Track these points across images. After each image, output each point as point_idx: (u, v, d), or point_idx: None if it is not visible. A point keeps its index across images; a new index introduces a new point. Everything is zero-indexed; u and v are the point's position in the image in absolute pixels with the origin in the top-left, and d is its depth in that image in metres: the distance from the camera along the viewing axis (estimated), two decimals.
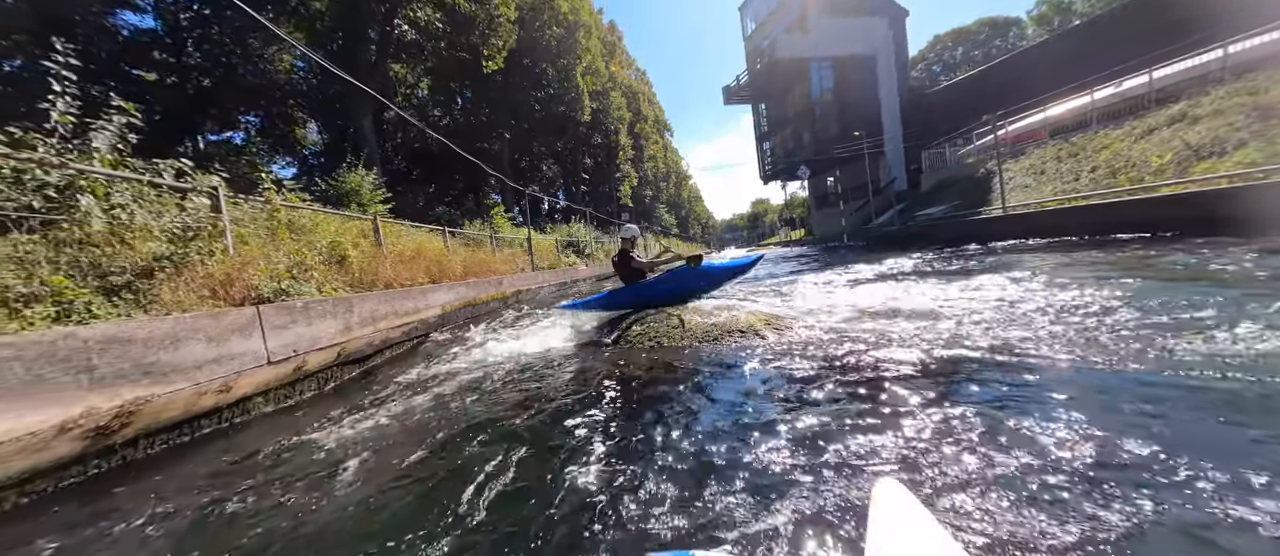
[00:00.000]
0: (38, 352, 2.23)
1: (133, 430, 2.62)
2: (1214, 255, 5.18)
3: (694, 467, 1.79)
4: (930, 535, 0.80)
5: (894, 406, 2.12)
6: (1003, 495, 1.38)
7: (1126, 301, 3.48)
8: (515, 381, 3.69)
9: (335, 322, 4.61)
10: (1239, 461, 1.41)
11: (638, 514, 1.51)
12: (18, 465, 2.12)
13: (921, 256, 9.90)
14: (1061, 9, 50.23)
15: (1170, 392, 1.94)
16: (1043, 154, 14.17)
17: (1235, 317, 2.76)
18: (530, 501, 1.70)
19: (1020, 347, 2.77)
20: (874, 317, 4.26)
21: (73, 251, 3.50)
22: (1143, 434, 1.62)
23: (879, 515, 0.88)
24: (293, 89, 22.14)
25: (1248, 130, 8.49)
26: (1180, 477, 1.37)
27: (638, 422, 2.39)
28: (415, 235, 10.59)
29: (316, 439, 2.73)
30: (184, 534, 1.80)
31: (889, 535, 0.83)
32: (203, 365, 3.08)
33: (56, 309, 3.13)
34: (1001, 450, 1.63)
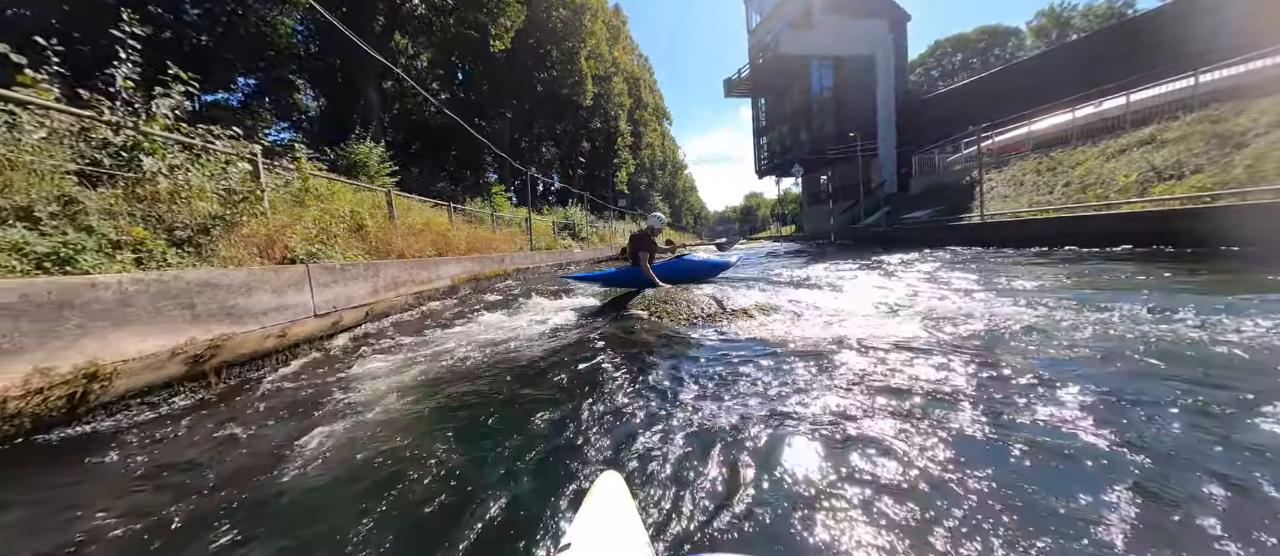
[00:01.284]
0: (158, 290, 2.69)
1: (217, 361, 3.10)
2: (1153, 266, 5.85)
3: (680, 419, 2.34)
4: (629, 530, 0.89)
5: (846, 377, 2.68)
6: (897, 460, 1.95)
7: (1050, 300, 4.10)
8: (525, 341, 4.21)
9: (366, 285, 5.07)
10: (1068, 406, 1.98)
11: (627, 440, 2.05)
12: (144, 379, 2.59)
13: (902, 256, 10.54)
14: (1060, 22, 51.06)
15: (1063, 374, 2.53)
16: (1024, 166, 14.89)
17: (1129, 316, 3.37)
18: (529, 429, 2.23)
19: (950, 336, 3.35)
20: (848, 305, 4.85)
21: (144, 207, 3.93)
22: (1027, 410, 2.19)
23: (592, 503, 0.95)
24: (291, 53, 22.04)
25: (1205, 156, 9.21)
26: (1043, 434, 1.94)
27: (636, 380, 2.93)
28: (423, 209, 10.97)
29: (357, 376, 3.23)
30: (272, 439, 2.29)
31: (594, 520, 0.91)
32: (268, 312, 3.55)
33: (135, 255, 3.58)
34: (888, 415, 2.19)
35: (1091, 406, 1.96)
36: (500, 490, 1.56)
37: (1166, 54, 14.44)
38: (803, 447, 1.75)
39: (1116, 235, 8.63)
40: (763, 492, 1.47)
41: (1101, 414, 1.89)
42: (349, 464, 1.84)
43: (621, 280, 6.12)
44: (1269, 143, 8.30)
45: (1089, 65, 18.70)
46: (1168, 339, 2.82)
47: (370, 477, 1.72)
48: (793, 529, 1.28)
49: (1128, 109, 12.92)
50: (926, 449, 1.69)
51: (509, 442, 1.95)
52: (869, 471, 1.57)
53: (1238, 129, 9.31)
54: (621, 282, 6.15)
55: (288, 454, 1.94)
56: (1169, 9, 17.70)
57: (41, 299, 2.14)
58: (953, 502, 1.37)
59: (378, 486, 1.66)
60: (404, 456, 1.88)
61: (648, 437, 1.92)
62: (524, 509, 1.46)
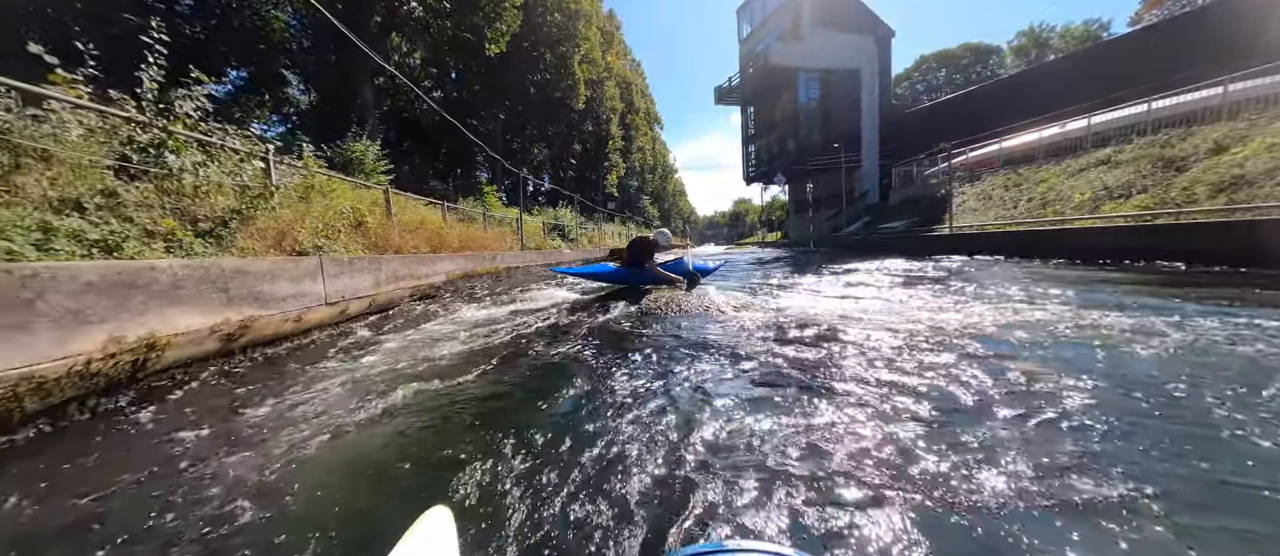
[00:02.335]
0: (201, 275, 3.08)
1: (245, 340, 3.49)
2: (1087, 271, 6.47)
3: (658, 398, 2.80)
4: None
5: (805, 367, 3.17)
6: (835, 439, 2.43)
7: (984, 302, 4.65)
8: (520, 329, 4.64)
9: (370, 278, 5.46)
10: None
11: (615, 419, 2.50)
12: (188, 352, 2.98)
13: (877, 263, 11.15)
14: (1038, 42, 52.85)
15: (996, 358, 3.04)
16: (994, 181, 15.69)
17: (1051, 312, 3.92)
18: (522, 402, 2.67)
19: (899, 329, 3.87)
20: (814, 304, 5.36)
21: (171, 200, 4.29)
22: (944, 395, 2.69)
23: (414, 535, 0.95)
24: (283, 48, 22.14)
25: (1151, 178, 9.97)
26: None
27: (626, 363, 3.38)
28: (417, 207, 11.31)
29: (363, 359, 3.63)
30: (294, 406, 2.70)
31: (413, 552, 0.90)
32: (287, 298, 3.94)
33: (166, 244, 3.95)
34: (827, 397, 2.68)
35: (998, 373, 2.47)
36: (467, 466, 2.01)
37: (1125, 81, 15.37)
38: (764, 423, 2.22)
39: (1069, 249, 9.32)
40: (713, 477, 1.94)
41: (1014, 381, 2.40)
42: (357, 434, 2.27)
43: (612, 277, 6.59)
44: (1204, 168, 9.06)
45: (1059, 87, 19.67)
46: (1035, 321, 3.36)
47: (369, 450, 2.16)
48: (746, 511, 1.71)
49: (1089, 131, 13.75)
50: (863, 429, 2.17)
51: (483, 425, 2.40)
52: (839, 448, 2.05)
53: (1181, 154, 10.10)
54: (608, 279, 6.62)
55: (300, 423, 2.36)
56: (1131, 38, 18.76)
57: (114, 279, 2.52)
58: (869, 480, 1.85)
59: (368, 461, 2.09)
60: (396, 440, 2.31)
61: (624, 424, 2.37)
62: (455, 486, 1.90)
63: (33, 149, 3.45)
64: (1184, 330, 3.16)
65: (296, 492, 1.63)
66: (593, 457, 1.76)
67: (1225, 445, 1.69)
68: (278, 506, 1.55)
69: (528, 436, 1.96)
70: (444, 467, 1.73)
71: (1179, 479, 1.50)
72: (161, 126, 4.49)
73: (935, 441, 1.78)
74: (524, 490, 1.56)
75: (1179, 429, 1.82)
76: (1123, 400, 2.10)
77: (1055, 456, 1.65)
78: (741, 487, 1.52)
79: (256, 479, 1.72)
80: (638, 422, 2.07)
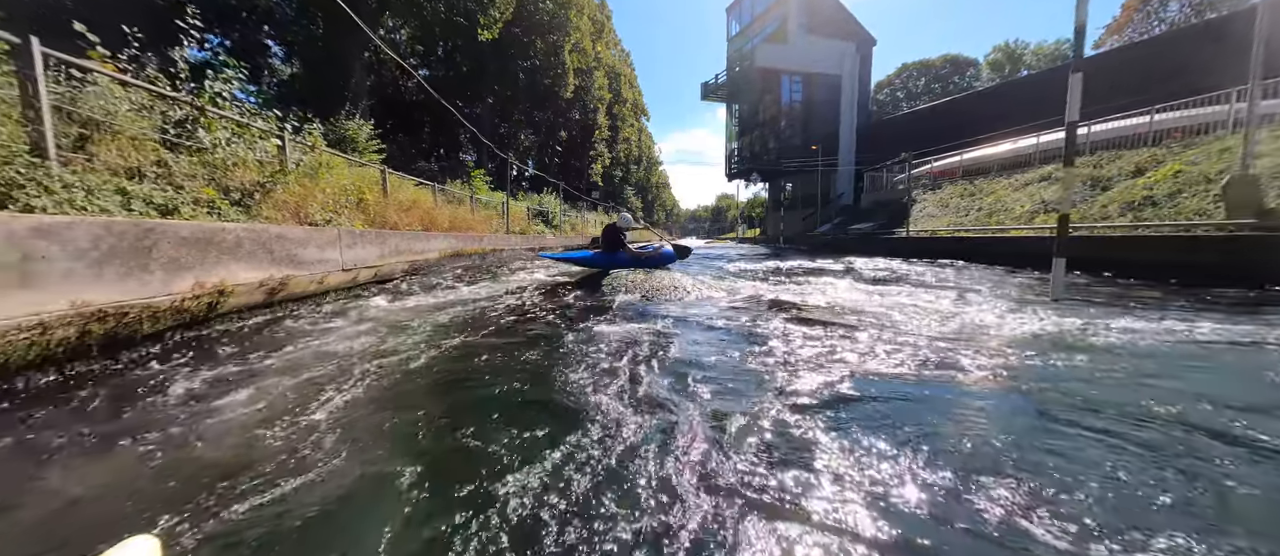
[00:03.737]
0: (255, 237, 3.72)
1: (283, 294, 4.14)
2: (1005, 272, 7.49)
3: (631, 358, 3.57)
4: None
5: (750, 339, 3.98)
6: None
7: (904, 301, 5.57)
8: (508, 305, 5.36)
9: (376, 250, 6.09)
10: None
11: (591, 374, 3.27)
12: (243, 300, 3.62)
13: (836, 260, 12.14)
14: (1012, 57, 55.07)
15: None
16: (953, 190, 16.89)
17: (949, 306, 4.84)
18: (512, 367, 3.42)
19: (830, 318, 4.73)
20: (768, 289, 6.22)
21: (206, 171, 4.85)
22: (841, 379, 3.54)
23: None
24: (267, 17, 21.93)
25: (1079, 195, 11.15)
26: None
27: (604, 330, 4.15)
28: (409, 188, 11.80)
29: (374, 310, 4.32)
30: (322, 341, 3.39)
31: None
32: (314, 262, 4.58)
33: (207, 210, 4.53)
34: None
35: (895, 350, 3.32)
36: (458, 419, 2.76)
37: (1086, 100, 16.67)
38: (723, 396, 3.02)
39: (1004, 255, 10.44)
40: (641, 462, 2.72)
41: (909, 355, 3.24)
42: (382, 376, 2.99)
43: (589, 262, 7.35)
44: (1122, 188, 10.26)
45: (1027, 101, 21.00)
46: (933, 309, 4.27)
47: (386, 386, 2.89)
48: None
49: (1037, 148, 14.98)
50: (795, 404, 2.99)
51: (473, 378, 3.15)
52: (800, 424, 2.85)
53: (1108, 175, 11.31)
54: (589, 264, 7.37)
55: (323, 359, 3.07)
56: (1092, 61, 20.10)
57: (200, 236, 3.16)
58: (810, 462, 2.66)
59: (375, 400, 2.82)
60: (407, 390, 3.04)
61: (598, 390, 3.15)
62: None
63: (101, 122, 4.01)
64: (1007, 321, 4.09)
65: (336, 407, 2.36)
66: (560, 402, 2.53)
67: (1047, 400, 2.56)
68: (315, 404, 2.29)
69: (509, 385, 2.71)
70: (460, 399, 2.48)
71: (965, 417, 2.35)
72: (195, 104, 5.03)
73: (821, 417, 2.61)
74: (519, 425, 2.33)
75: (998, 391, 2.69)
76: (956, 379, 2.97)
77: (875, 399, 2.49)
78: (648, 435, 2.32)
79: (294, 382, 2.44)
80: (596, 371, 2.85)
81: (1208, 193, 8.52)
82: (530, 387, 2.38)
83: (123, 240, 2.62)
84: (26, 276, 2.12)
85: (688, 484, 1.49)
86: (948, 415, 2.07)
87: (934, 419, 2.02)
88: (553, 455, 1.65)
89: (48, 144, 3.23)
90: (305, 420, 1.95)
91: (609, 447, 1.72)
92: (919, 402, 2.20)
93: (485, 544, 1.23)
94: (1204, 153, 9.87)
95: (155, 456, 1.66)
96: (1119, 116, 12.99)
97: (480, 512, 1.34)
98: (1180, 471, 1.59)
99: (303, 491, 1.44)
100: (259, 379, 2.41)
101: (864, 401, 2.20)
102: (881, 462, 1.64)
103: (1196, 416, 2.00)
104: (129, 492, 1.46)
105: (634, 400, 2.17)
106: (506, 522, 1.30)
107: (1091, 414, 2.03)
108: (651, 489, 1.47)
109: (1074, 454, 1.70)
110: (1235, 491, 1.49)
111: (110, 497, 1.44)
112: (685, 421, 1.94)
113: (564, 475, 1.54)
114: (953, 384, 2.44)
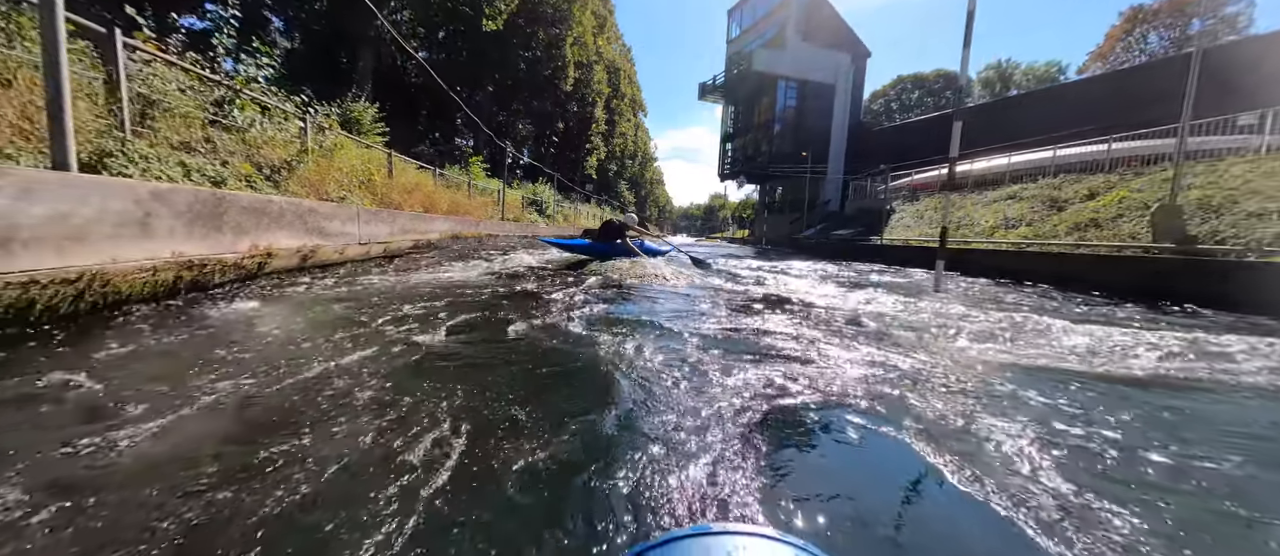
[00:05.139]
0: (294, 209, 4.32)
1: (313, 262, 4.75)
2: (961, 280, 8.31)
3: (613, 334, 4.25)
4: None
5: (721, 324, 4.68)
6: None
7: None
8: (505, 282, 6.01)
9: (387, 228, 6.69)
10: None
11: (580, 341, 3.94)
12: (283, 263, 4.23)
13: (813, 262, 12.94)
14: (1003, 76, 56.51)
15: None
16: (929, 202, 17.79)
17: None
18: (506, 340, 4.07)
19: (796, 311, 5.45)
20: (736, 285, 6.94)
21: (243, 148, 5.42)
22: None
23: None
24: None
25: (1037, 214, 12.05)
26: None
27: (590, 309, 4.82)
28: (412, 171, 12.32)
29: (380, 281, 4.95)
30: (341, 296, 4.01)
31: None
32: (337, 235, 5.19)
33: (246, 183, 5.11)
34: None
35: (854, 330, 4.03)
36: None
37: (1040, 126, 17.65)
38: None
39: (968, 265, 11.30)
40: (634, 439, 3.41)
41: (872, 340, 3.96)
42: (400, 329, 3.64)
43: (586, 249, 8.10)
44: (1074, 210, 11.15)
45: (1013, 121, 21.99)
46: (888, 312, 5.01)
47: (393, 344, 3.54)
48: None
49: (1008, 168, 15.91)
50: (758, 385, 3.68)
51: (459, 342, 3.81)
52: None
53: (1065, 197, 12.22)
54: (586, 251, 8.12)
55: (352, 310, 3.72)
56: (1074, 87, 21.16)
57: (256, 206, 3.76)
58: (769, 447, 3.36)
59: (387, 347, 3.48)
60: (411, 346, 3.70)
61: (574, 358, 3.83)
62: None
63: (156, 102, 4.57)
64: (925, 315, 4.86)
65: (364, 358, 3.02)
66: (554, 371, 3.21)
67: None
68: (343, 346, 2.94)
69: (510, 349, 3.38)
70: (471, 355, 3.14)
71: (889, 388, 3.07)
72: (232, 86, 5.59)
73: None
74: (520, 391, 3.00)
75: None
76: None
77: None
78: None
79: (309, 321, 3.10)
80: (586, 342, 3.53)
81: (1144, 219, 9.43)
82: (535, 345, 3.05)
83: (206, 206, 3.23)
84: (146, 229, 2.71)
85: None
86: (808, 359, 2.79)
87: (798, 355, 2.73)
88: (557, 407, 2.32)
89: (125, 120, 3.81)
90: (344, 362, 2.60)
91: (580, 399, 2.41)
92: (790, 350, 2.91)
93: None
94: (1149, 181, 10.79)
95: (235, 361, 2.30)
96: (1084, 143, 13.93)
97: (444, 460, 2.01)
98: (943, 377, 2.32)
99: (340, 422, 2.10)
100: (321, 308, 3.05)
101: (754, 346, 2.90)
102: (754, 382, 2.34)
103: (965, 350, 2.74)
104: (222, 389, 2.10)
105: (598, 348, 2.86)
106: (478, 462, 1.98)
107: (914, 349, 2.76)
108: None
109: (890, 363, 2.43)
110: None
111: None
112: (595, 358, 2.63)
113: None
114: (817, 333, 3.17)
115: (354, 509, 1.22)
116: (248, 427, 1.63)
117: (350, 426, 1.66)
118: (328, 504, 1.24)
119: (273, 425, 1.63)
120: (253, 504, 1.21)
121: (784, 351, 2.95)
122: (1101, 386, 2.56)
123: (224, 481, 1.29)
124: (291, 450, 1.47)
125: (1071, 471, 1.61)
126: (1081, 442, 1.84)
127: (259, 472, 1.34)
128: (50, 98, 2.42)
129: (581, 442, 1.64)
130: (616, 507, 1.28)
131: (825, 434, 1.90)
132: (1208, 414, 2.27)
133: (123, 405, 1.70)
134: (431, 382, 2.10)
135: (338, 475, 1.37)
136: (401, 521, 1.17)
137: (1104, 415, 2.12)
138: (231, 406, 1.78)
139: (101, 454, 1.40)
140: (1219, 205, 8.35)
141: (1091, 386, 2.55)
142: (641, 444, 1.64)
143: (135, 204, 2.68)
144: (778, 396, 2.16)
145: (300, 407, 1.79)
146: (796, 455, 1.73)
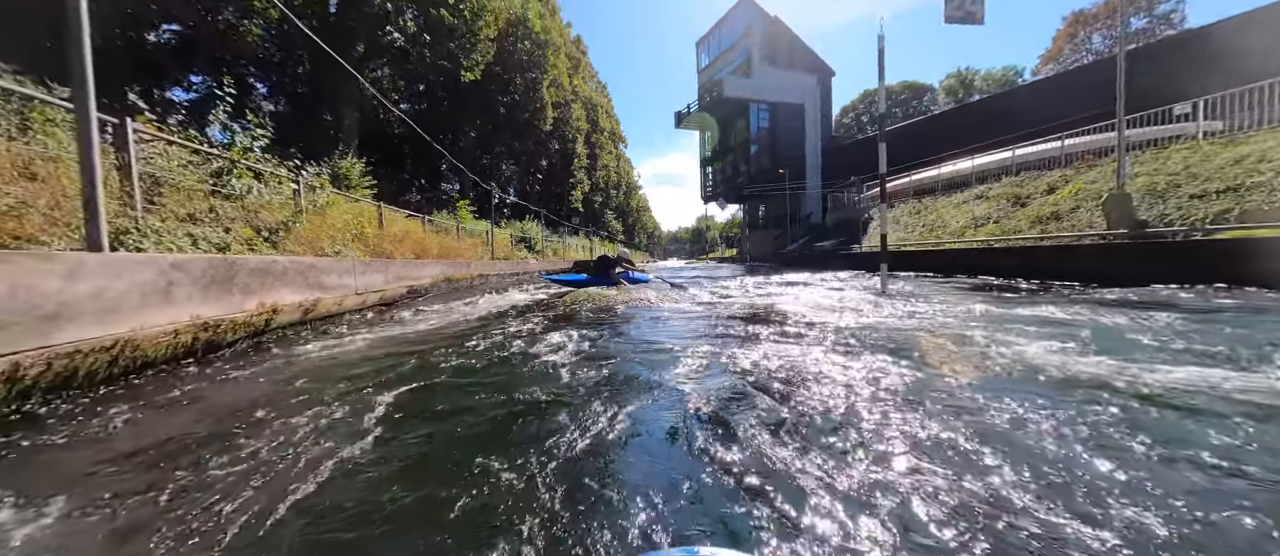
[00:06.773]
0: (296, 267, 4.60)
1: (314, 315, 5.01)
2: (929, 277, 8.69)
3: (608, 349, 4.54)
4: None
5: (711, 335, 4.98)
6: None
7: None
8: (508, 313, 6.28)
9: (381, 277, 6.96)
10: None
11: (578, 362, 4.22)
12: (287, 318, 4.49)
13: (794, 274, 13.34)
14: (964, 83, 58.97)
15: None
16: (904, 209, 18.46)
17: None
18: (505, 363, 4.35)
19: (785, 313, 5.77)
20: (721, 300, 7.26)
21: (242, 214, 5.73)
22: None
23: None
24: (254, 58, 22.82)
25: (1002, 213, 12.64)
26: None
27: (585, 331, 5.10)
28: (401, 220, 12.67)
29: (382, 330, 5.20)
30: (339, 350, 4.27)
31: None
32: (335, 288, 5.46)
33: (246, 246, 5.40)
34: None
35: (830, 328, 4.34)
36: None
37: (1001, 129, 18.57)
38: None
39: (940, 265, 11.77)
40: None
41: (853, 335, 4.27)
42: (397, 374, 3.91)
43: (585, 284, 8.74)
44: (1037, 205, 11.74)
45: (964, 129, 23.02)
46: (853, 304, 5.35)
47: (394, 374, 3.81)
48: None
49: (973, 169, 16.65)
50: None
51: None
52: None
53: (1027, 193, 12.85)
54: (585, 285, 8.74)
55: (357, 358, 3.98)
56: (1027, 88, 22.30)
57: (263, 267, 4.05)
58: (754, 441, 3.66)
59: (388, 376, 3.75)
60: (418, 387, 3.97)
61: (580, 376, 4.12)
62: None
63: (163, 179, 4.89)
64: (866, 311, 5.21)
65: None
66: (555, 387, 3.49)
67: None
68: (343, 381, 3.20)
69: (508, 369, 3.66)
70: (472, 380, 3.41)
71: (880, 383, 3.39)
72: (229, 158, 5.94)
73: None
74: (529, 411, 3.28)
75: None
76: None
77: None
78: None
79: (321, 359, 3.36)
80: (581, 357, 3.82)
81: (1099, 208, 9.99)
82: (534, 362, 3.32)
83: (219, 270, 3.51)
84: (168, 296, 2.98)
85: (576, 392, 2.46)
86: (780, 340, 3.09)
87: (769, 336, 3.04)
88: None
89: (137, 199, 4.12)
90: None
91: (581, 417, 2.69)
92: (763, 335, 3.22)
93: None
94: (1101, 173, 11.44)
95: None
96: (1040, 141, 14.70)
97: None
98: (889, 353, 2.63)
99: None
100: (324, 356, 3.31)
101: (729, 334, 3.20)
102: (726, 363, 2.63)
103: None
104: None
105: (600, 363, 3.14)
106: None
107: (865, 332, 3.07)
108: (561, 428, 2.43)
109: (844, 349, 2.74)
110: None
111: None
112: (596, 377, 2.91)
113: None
114: (785, 323, 3.48)
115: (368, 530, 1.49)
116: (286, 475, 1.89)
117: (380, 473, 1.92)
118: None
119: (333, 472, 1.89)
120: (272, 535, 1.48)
121: (741, 365, 3.21)
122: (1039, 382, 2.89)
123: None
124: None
125: (1014, 465, 1.92)
126: (1011, 434, 2.16)
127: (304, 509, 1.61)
128: (85, 188, 2.73)
129: (563, 465, 1.89)
130: (598, 527, 1.35)
131: (785, 446, 2.19)
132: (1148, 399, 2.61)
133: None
134: (429, 425, 2.37)
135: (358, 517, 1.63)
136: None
137: (1046, 410, 2.44)
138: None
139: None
140: (1164, 190, 8.93)
141: (1026, 383, 2.88)
142: (617, 464, 1.88)
143: (159, 274, 2.96)
144: (745, 409, 2.45)
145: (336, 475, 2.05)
146: (767, 470, 2.01)
